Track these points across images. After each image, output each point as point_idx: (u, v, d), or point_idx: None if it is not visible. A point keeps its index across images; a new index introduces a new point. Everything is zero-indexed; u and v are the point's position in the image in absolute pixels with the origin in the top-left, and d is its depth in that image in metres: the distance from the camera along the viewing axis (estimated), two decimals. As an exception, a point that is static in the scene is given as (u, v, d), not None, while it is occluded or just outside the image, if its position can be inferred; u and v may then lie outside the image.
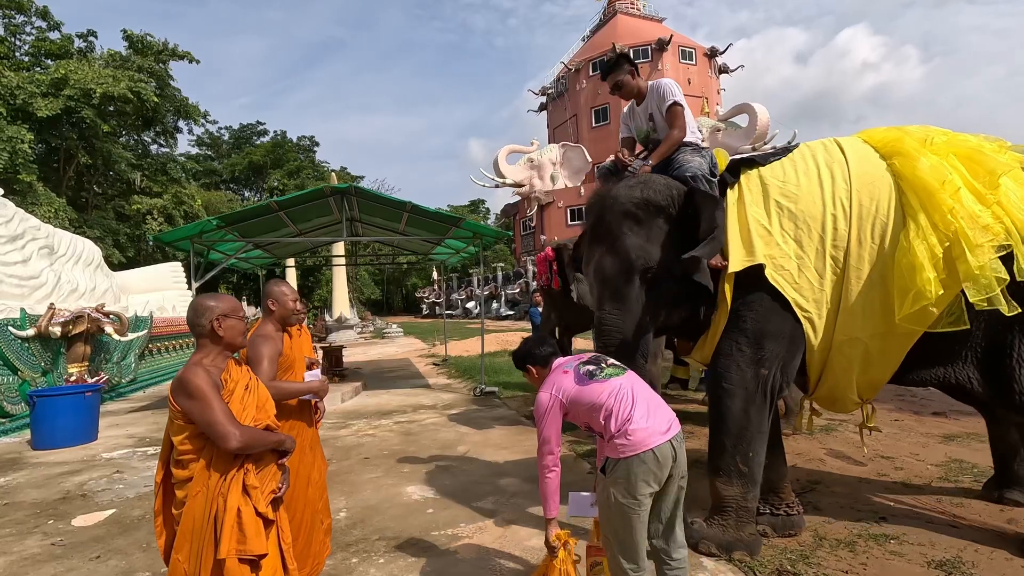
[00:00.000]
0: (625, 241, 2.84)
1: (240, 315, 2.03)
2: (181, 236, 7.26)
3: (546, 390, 2.30)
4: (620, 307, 2.87)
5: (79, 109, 19.59)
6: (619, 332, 2.86)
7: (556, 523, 2.32)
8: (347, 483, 4.59)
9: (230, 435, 1.78)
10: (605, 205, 2.97)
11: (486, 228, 9.38)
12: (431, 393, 8.93)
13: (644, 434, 2.10)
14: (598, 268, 2.93)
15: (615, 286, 2.87)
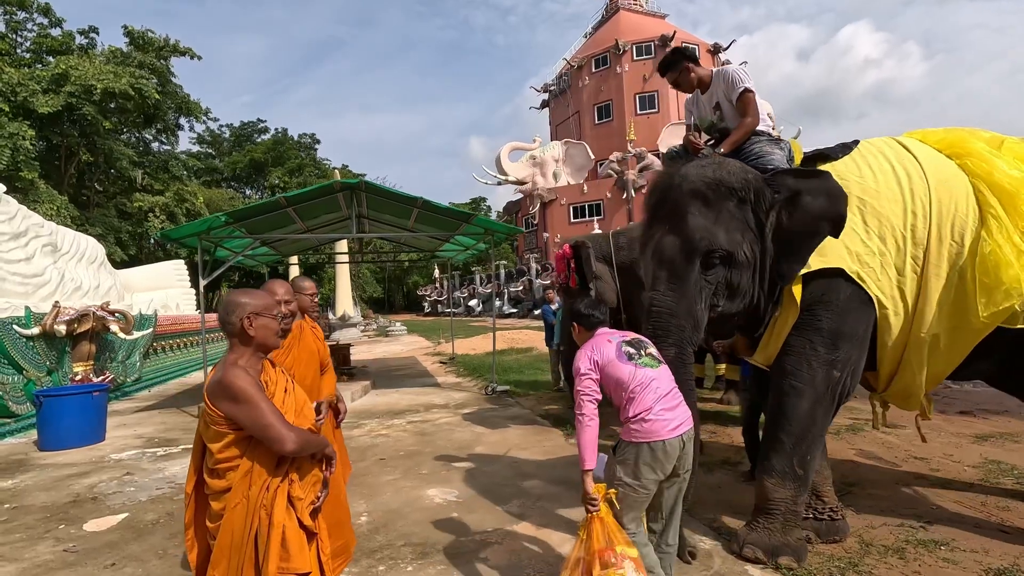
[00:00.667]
0: (690, 221, 2.68)
1: (274, 313, 1.90)
2: (189, 233, 7.12)
3: (586, 351, 2.43)
4: (676, 289, 2.68)
5: (80, 106, 19.43)
6: (671, 315, 2.67)
7: (592, 475, 2.29)
8: (365, 485, 4.47)
9: (286, 437, 1.68)
10: (672, 184, 2.80)
11: (498, 224, 9.24)
12: (442, 392, 8.81)
13: (657, 426, 2.26)
14: (657, 248, 2.76)
15: (673, 267, 2.69)
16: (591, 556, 2.17)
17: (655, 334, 2.60)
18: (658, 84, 35.35)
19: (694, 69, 3.25)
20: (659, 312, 2.68)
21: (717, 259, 2.70)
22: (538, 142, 36.79)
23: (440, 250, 12.30)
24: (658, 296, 2.70)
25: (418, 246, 12.93)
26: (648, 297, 2.74)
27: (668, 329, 2.65)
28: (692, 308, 2.69)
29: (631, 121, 34.91)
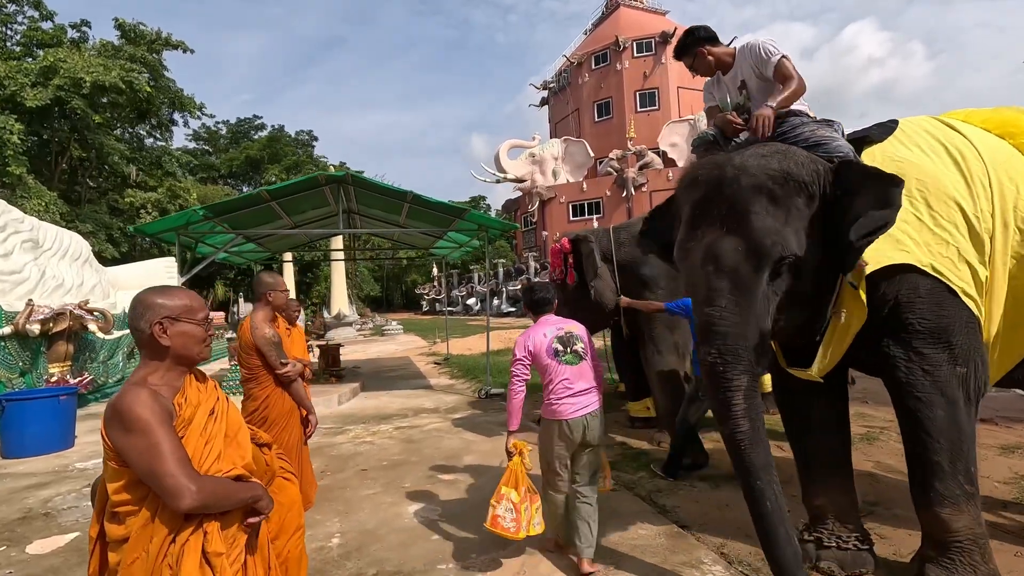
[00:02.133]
0: (756, 222, 2.21)
1: (198, 317, 1.53)
2: (165, 227, 6.76)
3: (524, 339, 3.01)
4: (742, 304, 2.19)
5: (69, 99, 19.03)
6: (739, 336, 2.18)
7: (515, 436, 3.03)
8: (342, 500, 4.11)
9: (182, 491, 1.29)
10: (725, 176, 2.31)
11: (492, 220, 8.88)
12: (433, 395, 8.45)
13: (563, 408, 2.85)
14: (712, 254, 2.25)
15: (737, 277, 2.20)
16: (496, 489, 2.96)
17: (723, 360, 2.15)
18: (658, 81, 35.01)
19: (711, 52, 2.83)
20: (725, 333, 2.18)
21: (785, 267, 2.26)
22: (537, 140, 36.43)
23: (434, 247, 11.94)
24: (720, 313, 2.19)
25: (411, 243, 12.57)
26: (706, 315, 2.23)
27: (738, 354, 2.17)
28: (761, 325, 2.24)
29: (631, 118, 34.55)
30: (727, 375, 2.14)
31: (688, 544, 3.18)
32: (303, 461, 2.88)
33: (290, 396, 2.77)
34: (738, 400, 2.12)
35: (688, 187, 2.47)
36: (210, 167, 41.35)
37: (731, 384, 2.13)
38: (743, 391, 2.13)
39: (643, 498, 3.90)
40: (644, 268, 4.97)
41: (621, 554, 3.09)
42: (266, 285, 2.96)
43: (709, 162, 2.45)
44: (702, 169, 2.45)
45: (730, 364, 2.15)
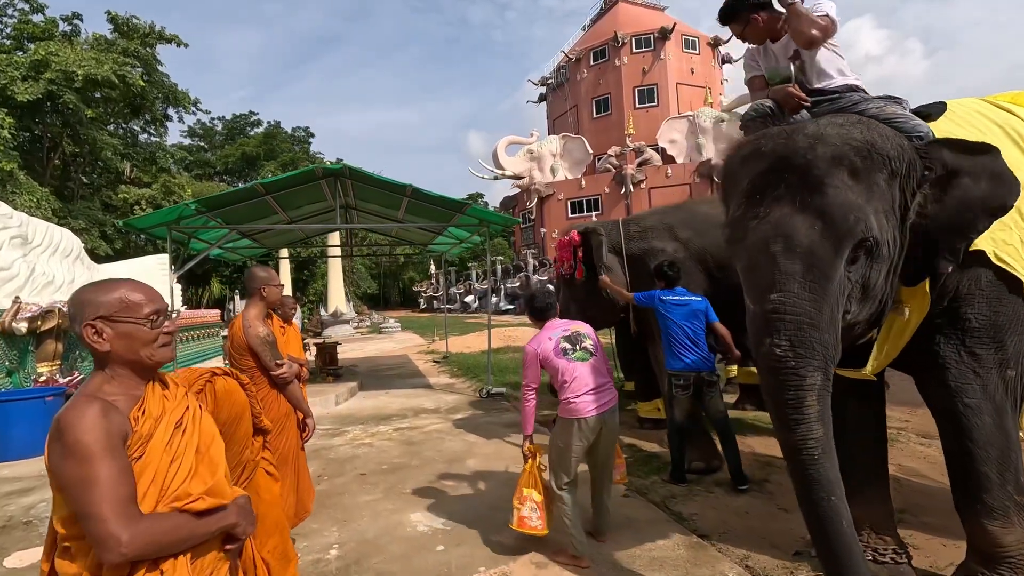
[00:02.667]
0: (836, 196, 1.91)
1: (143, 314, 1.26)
2: (156, 222, 6.53)
3: (532, 345, 3.02)
4: (817, 290, 1.89)
5: (61, 93, 18.68)
6: (813, 327, 1.87)
7: (530, 439, 3.10)
8: (340, 507, 3.91)
9: (107, 540, 1.06)
10: (797, 146, 2.01)
11: (493, 214, 8.67)
12: (433, 394, 8.25)
13: (581, 406, 2.86)
14: (781, 232, 1.94)
15: (813, 259, 1.90)
16: (519, 489, 3.03)
17: (795, 354, 1.86)
18: (657, 77, 34.78)
19: (763, 19, 2.52)
20: (797, 323, 1.87)
21: (864, 251, 1.97)
22: (535, 136, 36.17)
23: (433, 243, 11.72)
24: (792, 300, 1.88)
25: (410, 239, 12.35)
26: (773, 302, 1.90)
27: (812, 347, 1.87)
28: (835, 316, 1.95)
29: (630, 115, 34.33)
30: (800, 371, 1.84)
31: (710, 556, 2.99)
32: (300, 467, 2.69)
33: (286, 399, 2.57)
34: (811, 401, 1.83)
35: (747, 159, 2.16)
36: (206, 164, 40.97)
37: (804, 382, 1.84)
38: (816, 391, 1.85)
39: (657, 504, 3.71)
40: (651, 262, 4.76)
41: (640, 567, 2.90)
42: (259, 280, 2.75)
43: (774, 132, 2.16)
44: (766, 139, 2.14)
45: (804, 359, 1.85)
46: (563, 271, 5.11)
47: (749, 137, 2.27)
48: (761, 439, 5.14)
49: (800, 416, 1.84)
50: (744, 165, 2.17)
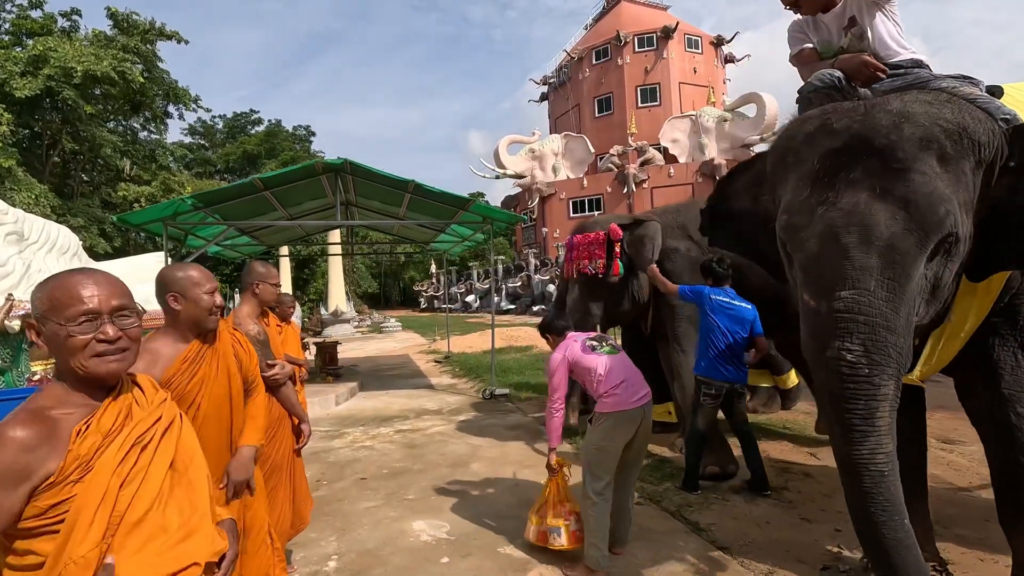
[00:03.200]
0: (925, 184, 1.67)
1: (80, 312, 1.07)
2: (151, 218, 6.36)
3: (559, 351, 2.98)
4: (895, 290, 1.66)
5: (60, 90, 18.52)
6: (889, 330, 1.66)
7: (556, 452, 3.02)
8: (339, 515, 3.74)
9: None
10: (878, 124, 1.75)
11: (497, 211, 8.50)
12: (435, 395, 8.07)
13: (623, 399, 2.80)
14: (857, 222, 1.69)
15: (894, 254, 1.66)
16: (548, 505, 2.98)
17: (869, 360, 1.63)
18: (660, 76, 34.59)
19: None
20: (874, 324, 1.65)
21: (945, 247, 1.75)
22: (537, 135, 35.99)
23: (435, 241, 11.55)
24: (868, 299, 1.65)
25: (412, 237, 12.17)
26: (845, 300, 1.67)
27: (888, 352, 1.65)
28: (911, 320, 1.73)
29: (632, 114, 34.13)
30: (873, 379, 1.63)
31: (733, 571, 2.81)
32: (296, 475, 2.51)
33: (279, 402, 2.39)
34: (883, 413, 1.64)
35: (814, 136, 1.89)
36: (206, 162, 40.83)
37: (877, 392, 1.63)
38: (889, 401, 1.65)
39: (672, 514, 3.53)
40: (667, 262, 4.56)
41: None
42: (255, 275, 2.56)
43: (847, 107, 1.89)
44: (837, 114, 1.87)
45: (878, 365, 1.63)
46: (589, 269, 4.65)
47: (813, 111, 1.98)
48: (775, 443, 4.97)
49: (870, 428, 1.63)
50: (809, 143, 1.89)
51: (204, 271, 1.92)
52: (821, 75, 2.13)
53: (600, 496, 2.77)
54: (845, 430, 1.68)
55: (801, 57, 2.40)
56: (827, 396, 1.73)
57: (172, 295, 1.80)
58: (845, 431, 1.68)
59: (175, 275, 1.84)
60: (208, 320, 1.88)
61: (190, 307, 1.82)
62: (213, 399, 1.88)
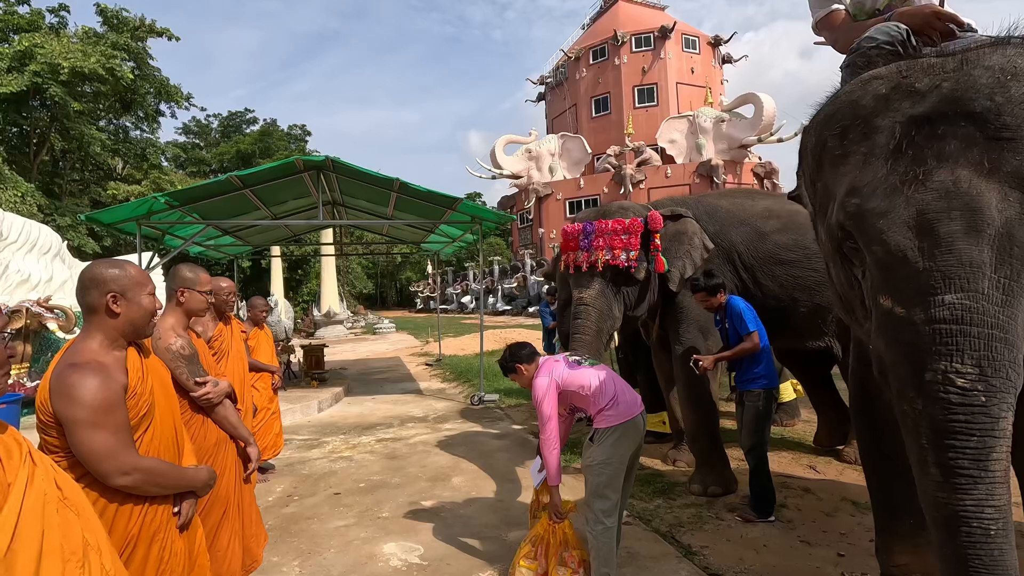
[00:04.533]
0: None
1: None
2: (123, 216, 6.09)
3: (544, 375, 2.65)
4: (1013, 292, 1.33)
5: (47, 86, 18.21)
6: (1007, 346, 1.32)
7: (558, 489, 2.65)
8: (306, 535, 3.48)
9: None
10: (976, 81, 1.41)
11: (486, 211, 8.26)
12: (422, 401, 7.81)
13: (623, 408, 2.60)
14: (954, 204, 1.36)
15: (1013, 245, 1.33)
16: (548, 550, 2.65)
17: (986, 386, 1.30)
18: (657, 76, 34.39)
19: None
20: (987, 339, 1.32)
21: None
22: (534, 135, 35.80)
23: (426, 242, 11.29)
24: (979, 304, 1.32)
25: (402, 237, 11.92)
26: (950, 307, 1.34)
27: (1006, 374, 1.31)
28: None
29: (629, 114, 33.93)
30: (991, 410, 1.29)
31: (727, 604, 2.56)
32: (244, 508, 2.22)
33: (217, 425, 2.12)
34: (999, 454, 1.29)
35: (889, 99, 1.51)
36: (200, 161, 40.46)
37: (996, 426, 1.29)
38: (1006, 439, 1.30)
39: (663, 535, 3.28)
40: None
41: (645, 618, 2.48)
42: (181, 280, 2.23)
43: (931, 63, 1.53)
44: (918, 72, 1.51)
45: (997, 393, 1.29)
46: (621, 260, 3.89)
47: (882, 70, 1.61)
48: (774, 455, 4.68)
49: (982, 474, 1.28)
50: (884, 107, 1.52)
51: (141, 269, 1.70)
52: (883, 28, 1.76)
53: (610, 518, 2.53)
54: (947, 473, 1.31)
55: (830, 21, 2.08)
56: (926, 430, 1.36)
57: (112, 295, 1.56)
58: (947, 474, 1.32)
59: (112, 272, 1.60)
60: (148, 326, 1.66)
61: (131, 311, 1.60)
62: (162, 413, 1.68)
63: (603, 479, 2.55)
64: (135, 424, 1.53)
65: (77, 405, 1.40)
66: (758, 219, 4.31)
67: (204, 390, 2.01)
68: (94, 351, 1.52)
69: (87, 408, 1.40)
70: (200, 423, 2.05)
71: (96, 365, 1.48)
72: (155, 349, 1.84)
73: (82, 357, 1.49)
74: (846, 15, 2.07)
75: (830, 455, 4.61)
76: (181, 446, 1.76)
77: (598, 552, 2.53)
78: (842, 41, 1.96)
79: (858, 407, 2.31)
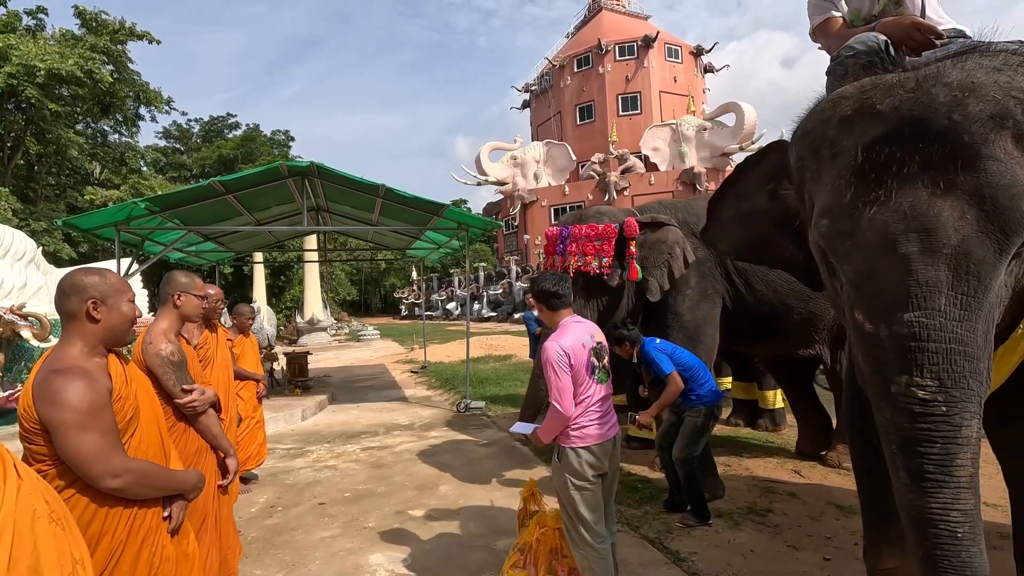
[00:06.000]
0: (1003, 173, 1.35)
1: None
2: (101, 222, 5.96)
3: (560, 345, 2.37)
4: (971, 307, 1.38)
5: (22, 87, 17.80)
6: (967, 357, 1.38)
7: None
8: (290, 547, 3.42)
9: None
10: (934, 100, 1.43)
11: (472, 217, 8.24)
12: (407, 408, 7.74)
13: (591, 430, 2.41)
14: (917, 226, 1.40)
15: (969, 264, 1.37)
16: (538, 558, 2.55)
17: (947, 397, 1.37)
18: (640, 85, 34.80)
19: None
20: (947, 353, 1.38)
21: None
22: (519, 142, 35.96)
23: (411, 248, 11.24)
24: (937, 320, 1.38)
25: (388, 243, 11.85)
26: (911, 324, 1.39)
27: (968, 386, 1.38)
28: (990, 337, 1.44)
29: (613, 122, 34.27)
30: (953, 419, 1.36)
31: (716, 611, 2.57)
32: (222, 519, 2.17)
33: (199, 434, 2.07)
34: (964, 460, 1.35)
35: (852, 120, 1.56)
36: (181, 166, 39.87)
37: (959, 434, 1.35)
38: (972, 446, 1.36)
39: (651, 542, 3.28)
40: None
41: (635, 626, 2.47)
42: (177, 285, 2.22)
43: (891, 81, 1.55)
44: (879, 91, 1.53)
45: (958, 402, 1.36)
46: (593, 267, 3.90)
47: (848, 88, 1.64)
48: (759, 460, 4.77)
49: (946, 478, 1.35)
50: (848, 129, 1.56)
51: (120, 276, 1.69)
52: (862, 38, 1.80)
53: (598, 538, 2.39)
54: (915, 477, 1.39)
55: (827, 28, 2.11)
56: (895, 437, 1.44)
57: (92, 301, 1.55)
58: (914, 478, 1.39)
59: (92, 279, 1.60)
60: (128, 333, 1.65)
61: (112, 318, 1.59)
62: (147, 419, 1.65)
63: (577, 500, 2.40)
64: (122, 428, 1.53)
65: (64, 408, 1.39)
66: None
67: (189, 398, 1.97)
68: (75, 357, 1.51)
69: (74, 411, 1.39)
70: (182, 431, 2.01)
71: (79, 369, 1.48)
72: (145, 353, 1.81)
73: (64, 363, 1.49)
74: (842, 22, 2.11)
75: (814, 460, 4.66)
76: (168, 452, 1.73)
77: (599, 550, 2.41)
78: (836, 47, 2.01)
79: (851, 410, 2.33)
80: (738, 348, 4.85)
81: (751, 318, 4.22)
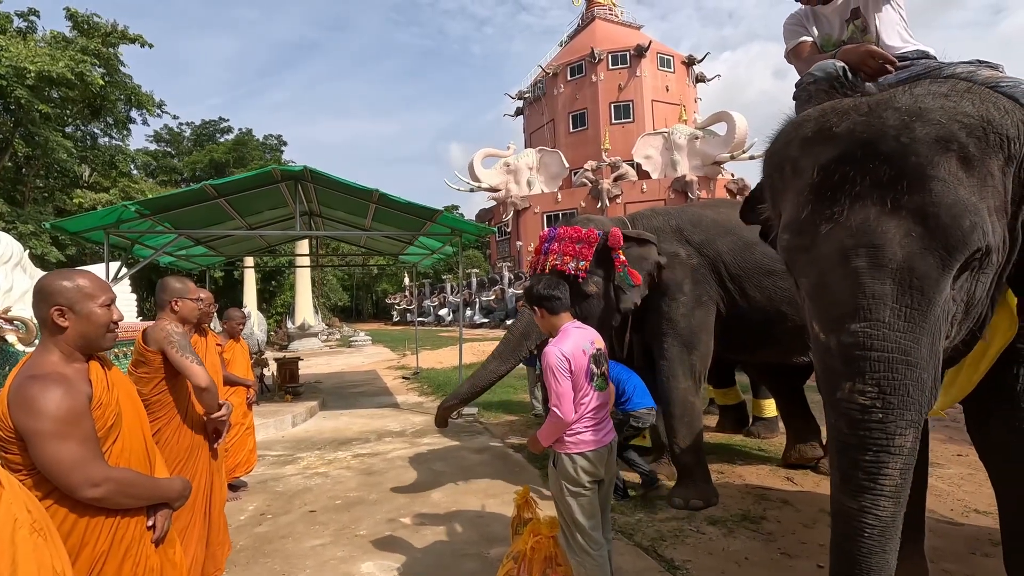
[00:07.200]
0: (946, 194, 1.45)
1: None
2: (91, 225, 5.89)
3: (561, 350, 2.38)
4: (914, 319, 1.46)
5: (11, 89, 17.64)
6: (909, 366, 1.45)
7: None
8: (280, 555, 3.37)
9: None
10: (885, 124, 1.52)
11: (466, 223, 8.24)
12: (399, 415, 7.69)
13: (587, 437, 2.41)
14: (865, 242, 1.49)
15: (911, 280, 1.46)
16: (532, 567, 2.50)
17: (884, 404, 1.44)
18: (633, 94, 35.08)
19: None
20: (888, 362, 1.45)
21: (976, 262, 1.53)
22: (512, 149, 36.06)
23: (404, 254, 11.21)
24: (881, 332, 1.46)
25: (380, 249, 11.81)
26: (855, 334, 1.48)
27: (908, 394, 1.45)
28: (936, 349, 1.51)
29: (606, 130, 34.51)
30: (888, 427, 1.43)
31: (711, 619, 2.55)
32: (213, 512, 2.12)
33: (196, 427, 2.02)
34: (892, 470, 1.44)
35: (812, 142, 1.65)
36: (172, 169, 39.62)
37: (891, 443, 1.43)
38: (904, 457, 1.44)
39: (646, 549, 3.27)
40: (667, 270, 4.06)
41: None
42: (173, 291, 2.22)
43: (848, 105, 1.65)
44: (836, 115, 1.63)
45: (895, 410, 1.43)
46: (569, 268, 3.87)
47: (810, 111, 1.74)
48: (751, 468, 4.77)
49: (871, 485, 1.44)
50: (807, 150, 1.66)
51: (97, 280, 1.62)
52: (822, 65, 1.90)
53: (595, 545, 2.38)
54: (845, 479, 1.49)
55: (799, 51, 2.22)
56: (835, 440, 1.53)
57: (57, 308, 1.49)
58: (845, 480, 1.49)
59: (60, 284, 1.53)
60: (104, 339, 1.58)
61: (81, 324, 1.53)
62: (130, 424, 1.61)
63: (573, 507, 2.41)
64: (102, 436, 1.48)
65: (40, 417, 1.33)
66: (744, 229, 4.28)
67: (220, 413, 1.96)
68: (54, 363, 1.47)
69: (51, 419, 1.34)
70: (177, 426, 1.98)
71: (57, 376, 1.43)
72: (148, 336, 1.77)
73: (42, 369, 1.44)
74: (812, 46, 2.21)
75: (807, 467, 4.67)
76: (152, 458, 1.69)
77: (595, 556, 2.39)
78: (805, 70, 2.08)
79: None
80: (731, 356, 4.84)
81: (745, 324, 4.22)
